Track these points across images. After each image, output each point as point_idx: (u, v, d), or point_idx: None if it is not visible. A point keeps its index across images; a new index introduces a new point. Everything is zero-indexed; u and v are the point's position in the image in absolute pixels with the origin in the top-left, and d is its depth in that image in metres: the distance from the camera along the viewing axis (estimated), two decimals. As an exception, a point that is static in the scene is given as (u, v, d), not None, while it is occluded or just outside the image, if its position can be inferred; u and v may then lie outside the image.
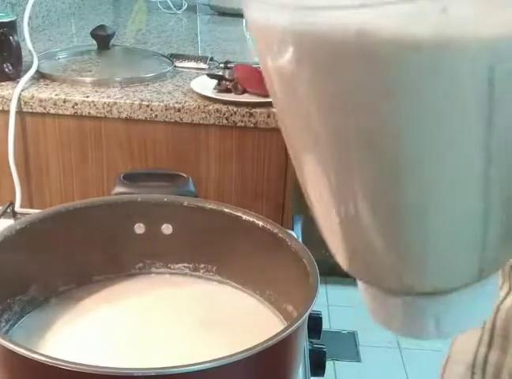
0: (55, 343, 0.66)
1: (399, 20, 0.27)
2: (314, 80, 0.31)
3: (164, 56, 1.59)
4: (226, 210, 0.73)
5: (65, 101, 1.30)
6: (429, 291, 0.35)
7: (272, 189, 1.33)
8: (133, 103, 1.30)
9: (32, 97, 1.31)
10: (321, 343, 0.76)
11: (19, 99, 1.30)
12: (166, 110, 1.30)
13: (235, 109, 1.29)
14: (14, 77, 1.36)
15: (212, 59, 1.57)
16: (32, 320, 0.70)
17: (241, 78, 1.34)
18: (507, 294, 0.66)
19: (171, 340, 0.68)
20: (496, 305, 0.66)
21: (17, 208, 0.91)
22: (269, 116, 1.29)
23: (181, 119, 1.30)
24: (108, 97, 1.32)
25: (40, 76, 1.40)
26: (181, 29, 2.07)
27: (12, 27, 1.35)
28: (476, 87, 0.28)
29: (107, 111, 1.30)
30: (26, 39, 1.44)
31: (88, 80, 1.39)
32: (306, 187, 0.36)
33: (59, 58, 1.55)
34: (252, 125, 1.28)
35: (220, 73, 1.41)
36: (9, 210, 0.86)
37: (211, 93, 1.32)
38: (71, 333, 0.68)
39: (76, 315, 0.71)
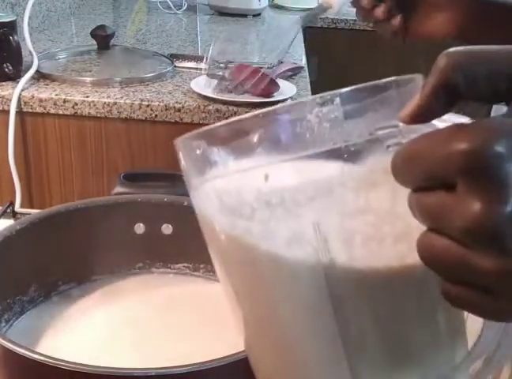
0: (55, 343, 0.66)
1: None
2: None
3: (164, 56, 1.59)
4: (226, 210, 0.73)
5: (65, 101, 1.30)
6: None
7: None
8: (133, 103, 1.30)
9: (32, 97, 1.31)
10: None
11: (19, 99, 1.30)
12: (166, 110, 1.30)
13: (235, 109, 1.29)
14: (14, 77, 1.36)
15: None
16: (31, 320, 0.70)
17: (241, 78, 1.34)
18: None
19: (171, 340, 0.68)
20: None
21: (17, 208, 0.91)
22: (269, 116, 1.29)
23: (181, 119, 1.30)
24: (108, 97, 1.32)
25: (40, 76, 1.40)
26: (181, 29, 2.07)
27: (12, 27, 1.35)
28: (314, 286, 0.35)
29: (107, 111, 1.30)
30: (26, 39, 1.44)
31: (88, 80, 1.39)
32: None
33: (59, 58, 1.55)
34: (252, 125, 1.28)
35: (220, 73, 1.41)
36: (9, 210, 0.86)
37: (211, 93, 1.32)
38: (71, 333, 0.68)
39: (76, 315, 0.71)
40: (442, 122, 0.33)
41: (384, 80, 0.34)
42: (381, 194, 0.34)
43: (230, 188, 0.35)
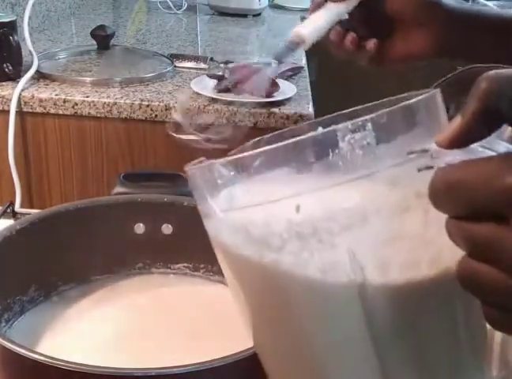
0: (55, 343, 0.66)
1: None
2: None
3: (164, 56, 1.59)
4: (226, 210, 0.73)
5: (65, 101, 1.30)
6: None
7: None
8: (133, 103, 1.30)
9: (32, 97, 1.31)
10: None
11: (19, 99, 1.30)
12: (166, 110, 1.30)
13: (235, 109, 1.29)
14: (14, 77, 1.36)
15: (212, 59, 1.57)
16: (31, 320, 0.70)
17: (241, 78, 1.34)
18: None
19: (171, 340, 0.68)
20: None
21: (17, 208, 0.91)
22: (269, 116, 1.29)
23: (181, 119, 1.29)
24: (108, 97, 1.32)
25: (40, 76, 1.40)
26: (181, 29, 2.07)
27: (12, 27, 1.35)
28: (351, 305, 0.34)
29: (107, 111, 1.30)
30: (26, 39, 1.44)
31: (88, 80, 1.39)
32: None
33: (59, 58, 1.55)
34: (252, 125, 1.28)
35: (220, 73, 1.41)
36: (9, 210, 0.86)
37: (211, 93, 1.32)
38: (70, 333, 0.68)
39: (75, 315, 0.71)
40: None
41: (413, 100, 0.34)
42: (414, 219, 0.33)
43: (257, 218, 0.35)
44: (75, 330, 0.69)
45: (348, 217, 0.33)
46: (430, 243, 0.33)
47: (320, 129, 0.34)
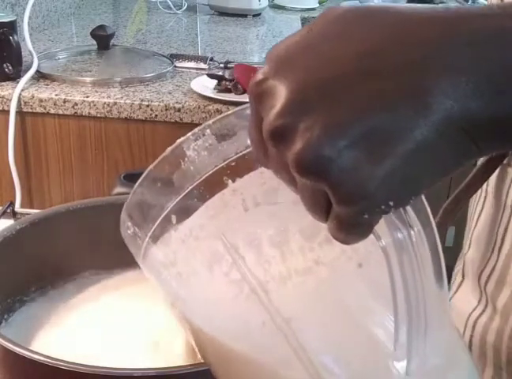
0: (51, 341, 0.66)
1: None
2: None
3: (164, 56, 1.59)
4: (226, 210, 0.73)
5: (65, 101, 1.30)
6: None
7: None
8: (133, 103, 1.30)
9: (32, 97, 1.31)
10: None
11: (19, 99, 1.30)
12: (166, 110, 1.30)
13: (235, 109, 1.29)
14: (14, 77, 1.36)
15: (212, 59, 1.57)
16: (27, 316, 0.70)
17: (241, 78, 1.35)
18: (483, 310, 0.62)
19: (170, 338, 0.68)
20: (473, 320, 0.63)
21: (17, 208, 0.91)
22: (269, 116, 1.29)
23: (181, 119, 1.30)
24: (108, 97, 1.32)
25: (40, 76, 1.40)
26: (181, 29, 2.07)
27: (12, 27, 1.35)
28: None
29: (107, 111, 1.30)
30: (26, 39, 1.44)
31: (88, 80, 1.39)
32: None
33: (59, 58, 1.55)
34: (252, 125, 1.28)
35: (220, 73, 1.41)
36: (9, 210, 0.86)
37: (211, 93, 1.32)
38: (69, 332, 0.68)
39: (75, 313, 0.71)
40: None
41: (245, 105, 0.38)
42: (270, 192, 0.37)
43: (160, 246, 0.39)
44: (74, 329, 0.69)
45: (212, 208, 0.37)
46: (304, 216, 0.35)
47: (169, 148, 0.38)
